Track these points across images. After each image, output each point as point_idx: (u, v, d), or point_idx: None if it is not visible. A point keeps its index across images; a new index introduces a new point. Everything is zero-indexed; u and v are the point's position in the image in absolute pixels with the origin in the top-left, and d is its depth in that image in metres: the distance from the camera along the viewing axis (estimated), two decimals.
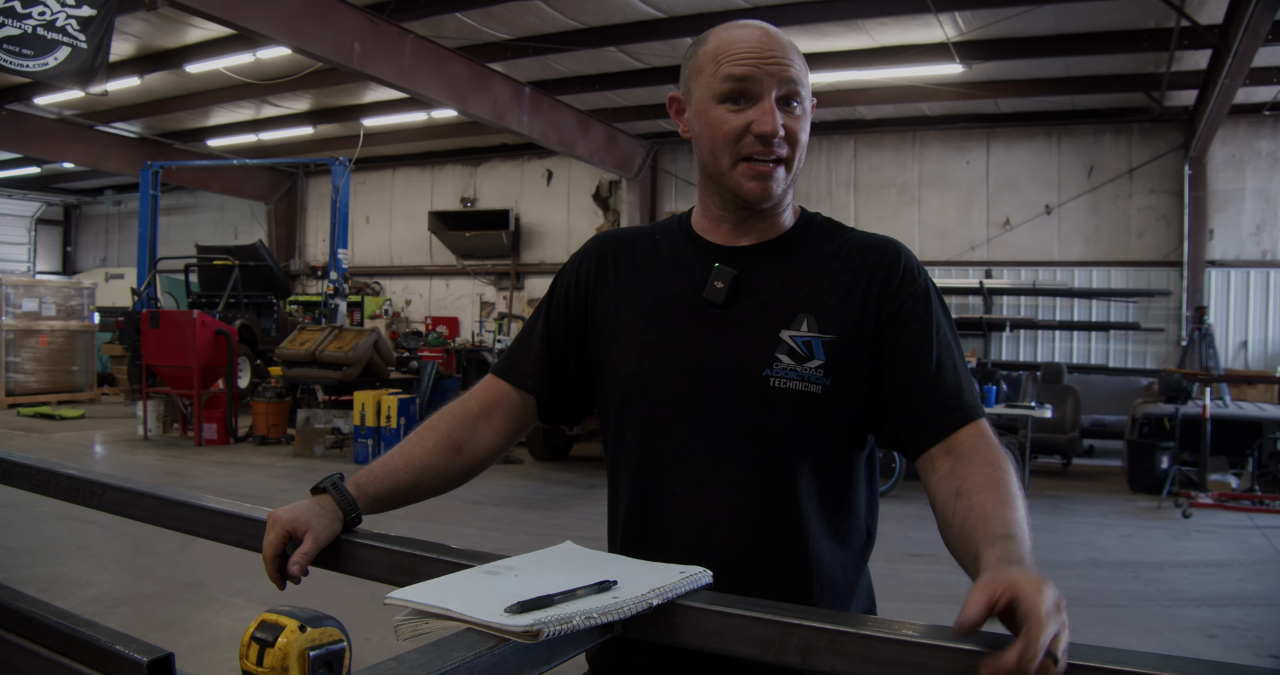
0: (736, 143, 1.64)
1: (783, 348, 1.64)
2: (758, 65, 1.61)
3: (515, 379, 1.89)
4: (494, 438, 1.87)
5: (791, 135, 1.65)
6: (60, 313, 17.95)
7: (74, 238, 27.54)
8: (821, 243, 1.76)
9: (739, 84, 1.62)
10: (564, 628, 1.15)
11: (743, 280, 1.71)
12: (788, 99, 1.64)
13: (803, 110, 1.67)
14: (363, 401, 11.77)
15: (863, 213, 16.67)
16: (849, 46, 12.93)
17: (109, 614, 5.60)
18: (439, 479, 1.81)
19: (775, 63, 1.62)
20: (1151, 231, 15.11)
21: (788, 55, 1.64)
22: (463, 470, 1.84)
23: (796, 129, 1.65)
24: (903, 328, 1.66)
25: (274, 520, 1.60)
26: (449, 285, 21.02)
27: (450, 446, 1.82)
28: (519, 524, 8.72)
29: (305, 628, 0.97)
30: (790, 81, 1.63)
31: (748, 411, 1.66)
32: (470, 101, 13.25)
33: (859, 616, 1.30)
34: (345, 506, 1.66)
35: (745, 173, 1.66)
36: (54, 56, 8.61)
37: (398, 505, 1.77)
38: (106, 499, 1.94)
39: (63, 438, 13.62)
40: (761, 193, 1.66)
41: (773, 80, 1.62)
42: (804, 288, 1.69)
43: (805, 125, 1.68)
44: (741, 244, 1.76)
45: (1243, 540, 8.47)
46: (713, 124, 1.66)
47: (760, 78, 1.61)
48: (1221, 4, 10.46)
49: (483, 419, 1.87)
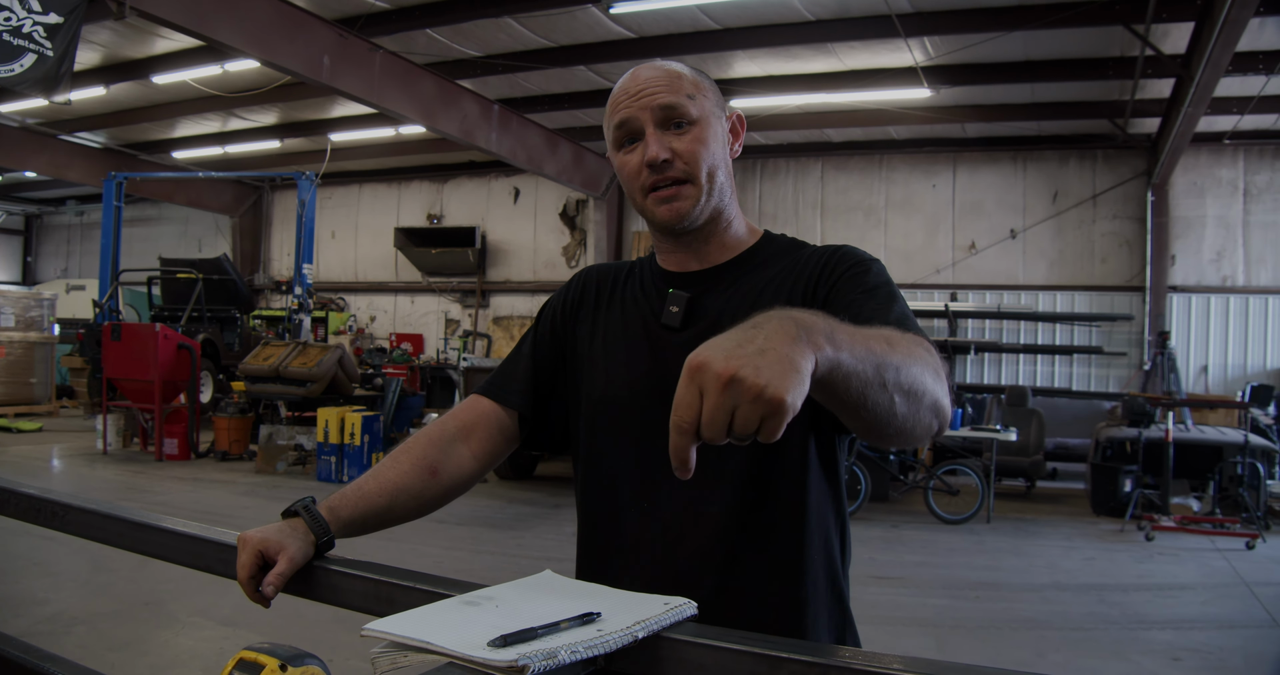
0: (638, 178, 1.71)
1: None
2: (630, 105, 1.70)
3: (501, 397, 1.90)
4: (472, 460, 1.86)
5: (682, 153, 1.68)
6: (19, 323, 17.69)
7: (35, 248, 27.18)
8: (778, 259, 1.78)
9: (622, 129, 1.72)
10: (549, 663, 1.12)
11: (698, 303, 1.75)
12: (670, 121, 1.69)
13: (691, 125, 1.69)
14: (326, 418, 11.68)
15: (829, 235, 16.72)
16: (818, 69, 13.00)
17: (66, 634, 5.49)
18: (414, 502, 1.79)
19: (646, 95, 1.69)
20: (1115, 257, 15.26)
21: (661, 82, 1.70)
22: (439, 494, 1.82)
23: (685, 147, 1.69)
24: (841, 293, 1.64)
25: (245, 541, 1.57)
26: (414, 302, 20.91)
27: (426, 469, 1.79)
28: (484, 544, 8.65)
29: (286, 667, 0.94)
30: (664, 106, 1.68)
31: None
32: (439, 118, 13.21)
33: (847, 649, 1.28)
34: (317, 530, 1.62)
35: (654, 201, 1.72)
36: (19, 63, 8.48)
37: (372, 529, 1.75)
38: (68, 520, 1.90)
39: (19, 451, 13.41)
40: (672, 215, 1.71)
41: (645, 112, 1.69)
42: (757, 302, 1.68)
43: (705, 138, 1.70)
44: (694, 269, 1.80)
45: (1205, 563, 8.54)
46: (619, 169, 1.75)
47: (635, 115, 1.69)
48: (1184, 34, 10.61)
49: (460, 440, 1.86)
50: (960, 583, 7.57)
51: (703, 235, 1.76)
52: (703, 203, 1.71)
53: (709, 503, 1.66)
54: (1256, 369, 14.44)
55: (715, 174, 1.71)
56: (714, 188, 1.72)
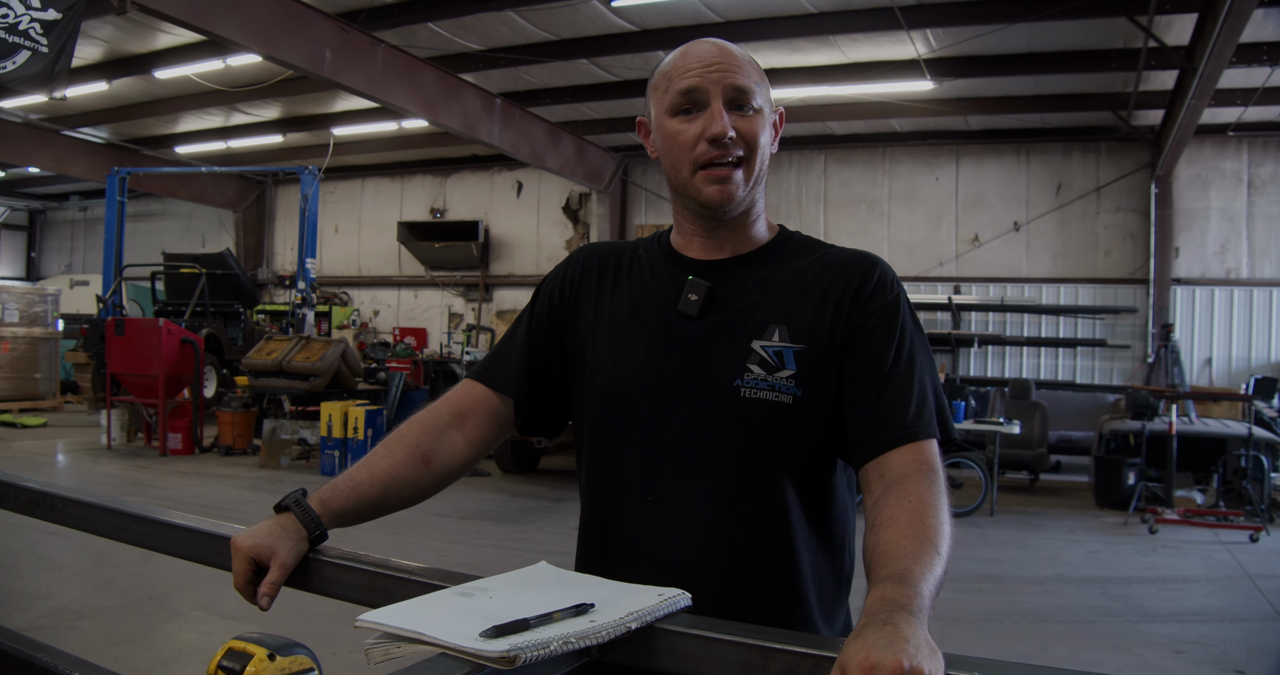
0: (692, 150, 1.67)
1: (754, 358, 1.64)
2: (702, 75, 1.65)
3: (494, 382, 1.87)
4: (466, 446, 1.84)
5: (745, 135, 1.66)
6: (24, 319, 17.72)
7: (39, 243, 27.20)
8: (797, 256, 1.77)
9: (688, 96, 1.66)
10: (541, 653, 1.12)
11: (717, 292, 1.72)
12: (737, 103, 1.66)
13: (755, 112, 1.68)
14: (330, 412, 11.68)
15: (832, 228, 16.72)
16: (821, 62, 12.98)
17: (69, 628, 5.50)
18: (408, 491, 1.77)
19: (720, 70, 1.65)
20: (1118, 249, 15.24)
21: (735, 62, 1.67)
22: (433, 481, 1.80)
23: (750, 129, 1.67)
24: (867, 339, 1.65)
25: (236, 548, 1.56)
26: (417, 296, 20.92)
27: (419, 457, 1.77)
28: (486, 538, 8.66)
29: (275, 656, 0.94)
30: (737, 87, 1.65)
31: (719, 422, 1.65)
32: (441, 112, 13.20)
33: (838, 640, 1.27)
34: (309, 524, 1.61)
35: (704, 178, 1.67)
36: (13, 60, 8.46)
37: (365, 519, 1.73)
38: (68, 513, 1.90)
39: (24, 446, 13.44)
40: (721, 196, 1.67)
41: (718, 86, 1.65)
42: (777, 299, 1.69)
43: (762, 128, 1.69)
44: (716, 258, 1.77)
45: (1208, 556, 8.53)
46: (669, 136, 1.70)
47: (706, 86, 1.65)
48: (1188, 26, 10.59)
49: (454, 426, 1.83)
50: (963, 575, 7.56)
51: (734, 223, 1.75)
52: (747, 190, 1.70)
53: (715, 496, 1.65)
54: (1260, 361, 14.42)
55: (764, 165, 1.71)
56: (759, 177, 1.72)
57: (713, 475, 1.65)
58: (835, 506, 1.72)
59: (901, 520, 1.40)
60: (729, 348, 1.66)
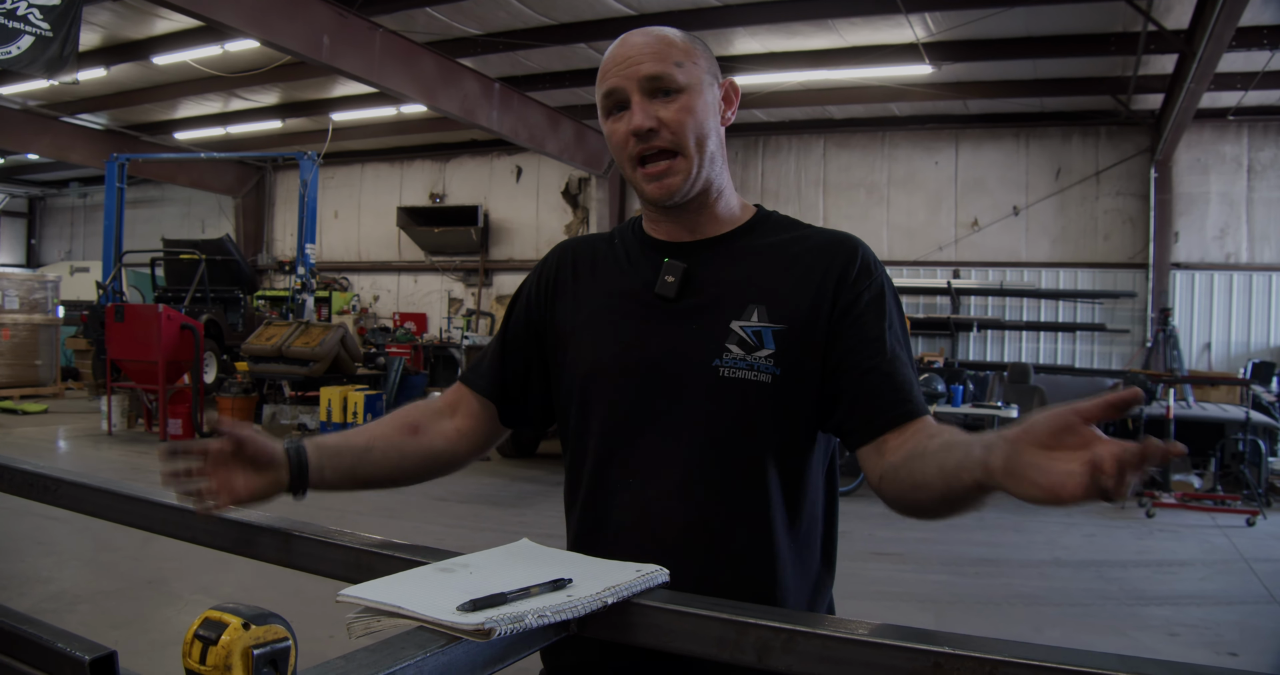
0: (625, 148, 1.68)
1: (732, 338, 1.65)
2: (618, 74, 1.67)
3: (473, 383, 1.93)
4: (455, 433, 1.89)
5: (670, 122, 1.65)
6: (24, 306, 17.72)
7: (38, 230, 27.20)
8: (775, 236, 1.77)
9: (611, 98, 1.69)
10: (516, 627, 1.13)
11: (693, 274, 1.72)
12: (654, 91, 1.66)
13: (679, 92, 1.66)
14: (329, 397, 11.72)
15: (831, 212, 16.72)
16: (819, 46, 12.97)
17: (69, 611, 5.53)
18: (393, 453, 1.82)
19: (631, 65, 1.66)
20: (1118, 233, 15.24)
21: (648, 50, 1.67)
22: (418, 453, 1.85)
23: (673, 115, 1.65)
24: (857, 320, 1.66)
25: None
26: (417, 281, 20.93)
27: (408, 426, 1.86)
28: (485, 521, 8.69)
29: (249, 625, 0.95)
30: (650, 76, 1.65)
31: (700, 403, 1.66)
32: (440, 97, 13.18)
33: (816, 616, 1.29)
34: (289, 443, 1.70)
35: (643, 177, 1.69)
36: (16, 45, 8.47)
37: (348, 462, 1.77)
38: (61, 494, 1.91)
39: (25, 433, 13.46)
40: (661, 192, 1.69)
41: (632, 81, 1.66)
42: (755, 279, 1.70)
43: (692, 105, 1.67)
44: (690, 239, 1.77)
45: (1205, 540, 8.55)
46: (608, 138, 1.73)
47: (622, 84, 1.67)
48: (1187, 9, 10.57)
49: (446, 416, 1.91)
50: (960, 559, 7.59)
51: (694, 207, 1.74)
52: (694, 175, 1.68)
53: (696, 476, 1.66)
54: (1259, 346, 14.43)
55: (705, 143, 1.68)
56: (704, 158, 1.69)
57: (693, 455, 1.66)
58: (813, 486, 1.73)
59: (944, 433, 1.50)
60: (707, 328, 1.67)
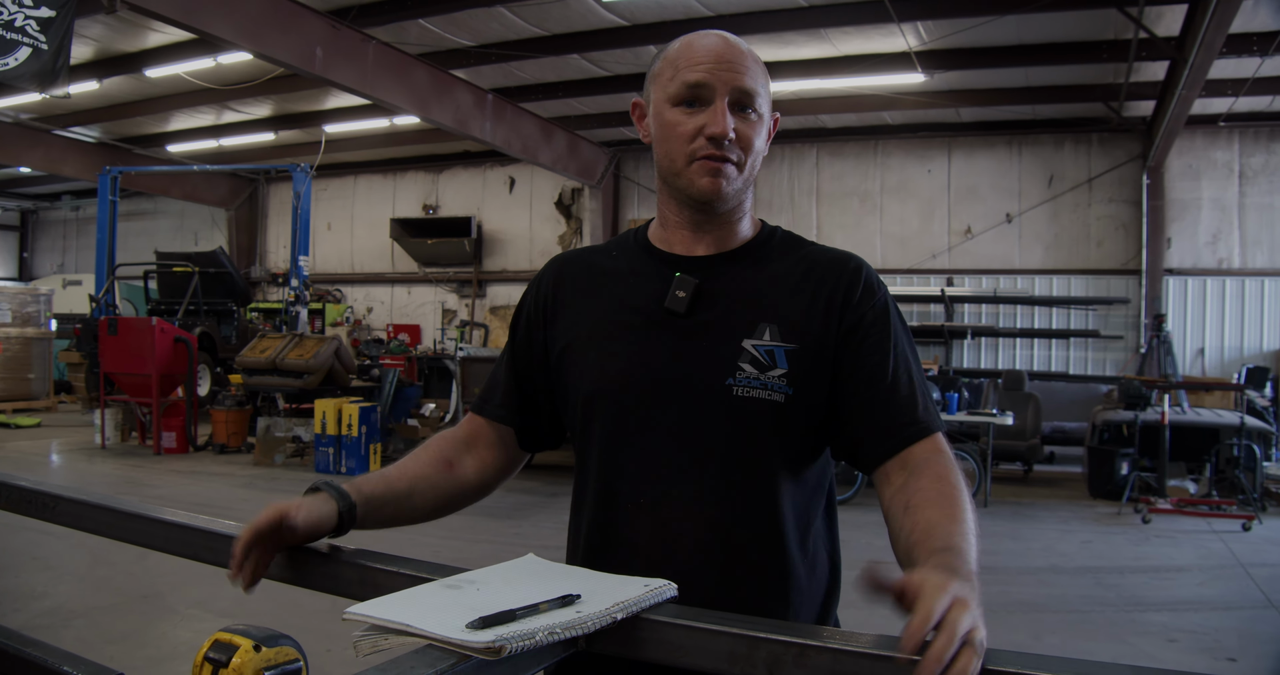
0: (689, 143, 1.65)
1: (745, 356, 1.64)
2: (711, 71, 1.64)
3: (488, 412, 1.90)
4: (480, 465, 1.87)
5: (743, 139, 1.66)
6: (16, 319, 17.68)
7: (31, 243, 27.10)
8: (782, 254, 1.77)
9: (693, 89, 1.64)
10: (527, 643, 1.13)
11: (704, 289, 1.70)
12: (741, 105, 1.65)
13: (758, 117, 1.68)
14: (324, 410, 11.69)
15: (825, 221, 16.74)
16: (812, 55, 12.97)
17: (65, 627, 5.51)
18: (432, 493, 1.80)
19: (730, 70, 1.64)
20: (1110, 240, 15.26)
21: (744, 63, 1.66)
22: (453, 488, 1.83)
23: (749, 133, 1.66)
24: (862, 340, 1.66)
25: (271, 506, 1.53)
26: (411, 292, 20.89)
27: (442, 462, 1.82)
28: (481, 533, 8.66)
29: (260, 647, 0.95)
30: (744, 89, 1.64)
31: (711, 421, 1.64)
32: (433, 108, 13.18)
33: (827, 629, 1.28)
34: (339, 496, 1.60)
35: (698, 169, 1.66)
36: (14, 57, 8.45)
37: (390, 514, 1.74)
38: (59, 511, 1.90)
39: (18, 446, 13.42)
40: (713, 188, 1.67)
41: (725, 86, 1.63)
42: (766, 297, 1.69)
43: (760, 132, 1.69)
44: (700, 254, 1.76)
45: (1201, 545, 8.56)
46: (668, 125, 1.68)
47: (713, 83, 1.63)
48: (1178, 16, 10.60)
49: (467, 450, 1.88)
50: None
51: (722, 219, 1.74)
52: (738, 187, 1.70)
53: (709, 496, 1.64)
54: (1253, 351, 14.45)
55: (757, 167, 1.72)
56: (751, 178, 1.72)
57: (706, 475, 1.64)
58: (823, 504, 1.74)
59: (936, 501, 1.46)
60: (720, 346, 1.65)
